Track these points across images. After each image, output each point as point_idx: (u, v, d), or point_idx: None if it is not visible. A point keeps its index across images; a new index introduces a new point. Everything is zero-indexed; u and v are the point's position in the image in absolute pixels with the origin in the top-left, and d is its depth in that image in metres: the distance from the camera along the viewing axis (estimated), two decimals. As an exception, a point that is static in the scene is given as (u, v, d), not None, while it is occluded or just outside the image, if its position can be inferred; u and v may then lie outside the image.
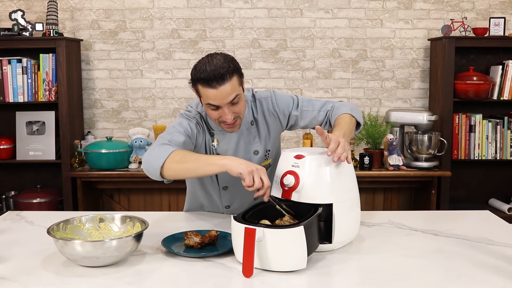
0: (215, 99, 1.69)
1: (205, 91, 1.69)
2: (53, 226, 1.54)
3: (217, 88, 1.67)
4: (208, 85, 1.67)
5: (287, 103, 1.94)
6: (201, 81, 1.68)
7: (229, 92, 1.68)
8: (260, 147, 1.93)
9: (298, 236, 1.40)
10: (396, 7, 3.71)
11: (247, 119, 1.90)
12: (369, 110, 3.76)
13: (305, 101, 1.96)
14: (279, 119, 1.95)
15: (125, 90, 3.77)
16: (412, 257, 1.57)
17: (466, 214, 2.11)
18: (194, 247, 1.58)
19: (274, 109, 1.93)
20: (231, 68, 1.68)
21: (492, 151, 3.58)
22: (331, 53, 3.74)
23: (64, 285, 1.37)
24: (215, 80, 1.66)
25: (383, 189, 3.72)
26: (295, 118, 1.95)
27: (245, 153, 1.91)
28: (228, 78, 1.67)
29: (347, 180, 1.63)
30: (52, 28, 3.42)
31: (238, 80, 1.73)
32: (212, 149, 1.88)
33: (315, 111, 1.95)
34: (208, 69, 1.66)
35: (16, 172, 3.73)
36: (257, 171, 1.54)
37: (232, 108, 1.73)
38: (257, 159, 1.93)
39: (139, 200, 3.69)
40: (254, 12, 3.70)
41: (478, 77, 3.46)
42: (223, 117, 1.73)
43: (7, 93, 3.45)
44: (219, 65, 1.67)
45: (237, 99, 1.72)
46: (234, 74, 1.70)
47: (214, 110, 1.73)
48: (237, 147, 1.90)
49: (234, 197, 1.99)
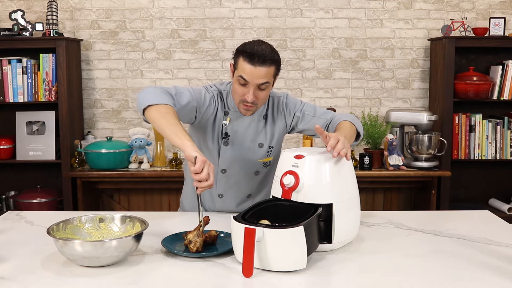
0: (249, 75, 1.81)
1: (244, 64, 1.81)
2: (53, 226, 1.54)
3: (256, 67, 1.80)
4: (250, 60, 1.80)
5: (294, 103, 2.05)
6: (246, 54, 1.81)
7: (262, 75, 1.81)
8: (266, 141, 2.02)
9: (298, 236, 1.40)
10: (396, 7, 3.71)
11: (261, 112, 2.00)
12: (369, 110, 3.76)
13: (310, 106, 2.05)
14: (285, 118, 2.04)
15: (125, 90, 3.77)
16: (412, 257, 1.57)
17: (466, 214, 2.11)
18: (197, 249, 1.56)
19: (283, 107, 2.03)
20: (274, 58, 1.84)
21: (492, 151, 3.58)
22: (331, 53, 3.74)
23: (64, 285, 1.37)
24: (257, 59, 1.79)
25: (383, 189, 3.72)
26: (296, 119, 2.03)
27: (251, 141, 2.00)
28: (268, 64, 1.81)
29: (347, 180, 1.63)
30: (52, 28, 3.42)
31: (275, 72, 1.87)
32: (222, 126, 1.97)
33: (316, 117, 2.02)
34: (256, 48, 1.81)
35: (16, 172, 3.73)
36: (209, 165, 1.58)
37: (257, 92, 1.85)
38: (261, 152, 2.02)
39: (139, 200, 3.69)
40: (254, 12, 3.70)
41: (478, 77, 3.46)
42: (245, 95, 1.84)
43: (7, 93, 3.45)
44: (266, 50, 1.82)
45: (265, 86, 1.85)
46: (274, 65, 1.85)
47: (241, 86, 1.85)
48: (246, 132, 1.99)
49: (229, 185, 2.04)
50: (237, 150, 1.99)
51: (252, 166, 2.03)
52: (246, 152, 2.00)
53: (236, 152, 1.99)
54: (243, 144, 1.99)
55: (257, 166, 2.04)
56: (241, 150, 1.99)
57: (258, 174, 2.06)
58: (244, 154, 2.00)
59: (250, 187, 2.07)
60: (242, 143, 1.99)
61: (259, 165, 2.04)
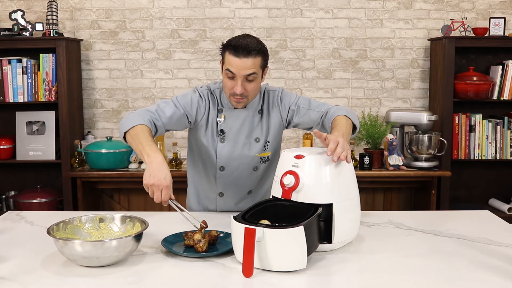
0: (235, 67, 1.84)
1: (230, 57, 1.85)
2: (53, 226, 1.54)
3: (241, 58, 1.83)
4: (235, 53, 1.83)
5: (289, 97, 2.06)
6: (230, 48, 1.85)
7: (248, 66, 1.84)
8: (262, 135, 2.04)
9: (298, 236, 1.40)
10: (396, 7, 3.71)
11: (256, 107, 2.02)
12: (369, 110, 3.76)
13: (304, 99, 2.05)
14: (280, 112, 2.05)
15: (125, 90, 3.77)
16: (412, 257, 1.57)
17: (466, 214, 2.11)
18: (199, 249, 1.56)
19: (278, 101, 2.05)
20: (259, 49, 1.86)
21: (492, 151, 3.58)
22: (331, 53, 3.74)
23: (64, 285, 1.37)
24: (242, 51, 1.83)
25: (383, 189, 3.72)
26: (292, 113, 2.04)
27: (247, 136, 2.02)
28: (253, 55, 1.84)
29: (347, 180, 1.63)
30: (52, 28, 3.42)
31: (262, 62, 1.88)
32: (217, 124, 2.00)
33: (310, 109, 2.02)
34: (240, 41, 1.85)
35: (16, 172, 3.73)
36: (158, 186, 1.69)
37: (245, 84, 1.87)
38: (258, 146, 2.04)
39: (139, 200, 3.69)
40: (254, 12, 3.70)
41: (478, 77, 3.46)
42: (234, 88, 1.87)
43: (7, 93, 3.45)
44: (251, 42, 1.86)
45: (252, 77, 1.87)
46: (260, 55, 1.87)
47: (229, 79, 1.88)
48: (241, 128, 2.01)
49: (228, 183, 2.06)
50: (233, 146, 2.01)
51: (250, 161, 2.04)
52: (243, 148, 2.02)
53: (232, 148, 2.01)
54: (239, 140, 2.01)
55: (255, 162, 2.05)
56: (238, 145, 2.01)
57: (257, 170, 2.07)
58: (240, 150, 2.02)
59: (250, 184, 2.09)
60: (238, 138, 2.01)
61: (257, 160, 2.05)
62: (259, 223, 1.51)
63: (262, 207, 1.63)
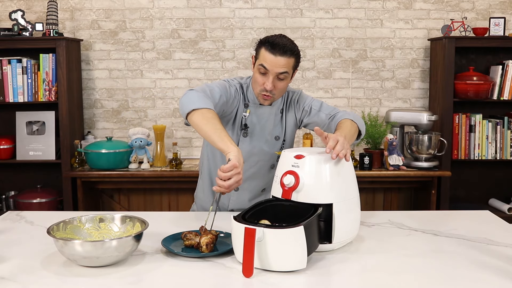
0: (269, 64, 1.89)
1: (265, 54, 1.90)
2: (53, 226, 1.54)
3: (276, 56, 1.89)
4: (271, 50, 1.89)
5: (305, 99, 2.13)
6: (267, 44, 1.90)
7: (282, 65, 1.89)
8: (281, 134, 2.11)
9: (298, 236, 1.40)
10: (396, 7, 3.71)
11: (279, 105, 2.09)
12: (369, 110, 3.76)
13: (317, 102, 2.13)
14: (295, 112, 2.11)
15: (125, 90, 3.77)
16: (412, 257, 1.57)
17: (466, 214, 2.11)
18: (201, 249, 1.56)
19: (294, 102, 2.12)
20: (294, 51, 1.93)
21: (492, 151, 3.58)
22: (331, 53, 3.74)
23: (64, 285, 1.37)
24: (278, 49, 1.88)
25: (383, 189, 3.72)
26: (304, 113, 2.11)
27: (269, 133, 2.07)
28: (288, 55, 1.90)
29: (347, 180, 1.63)
30: (52, 28, 3.42)
31: (294, 64, 1.94)
32: (242, 118, 2.04)
33: (320, 111, 2.09)
34: (278, 40, 1.91)
35: (16, 172, 3.73)
36: (240, 173, 1.61)
37: (275, 82, 1.93)
38: (277, 144, 2.10)
39: (139, 200, 3.69)
40: (254, 12, 3.70)
41: (478, 77, 3.46)
42: (265, 84, 1.92)
43: (7, 93, 3.45)
44: (287, 43, 1.92)
45: (284, 76, 1.92)
46: (294, 56, 1.93)
47: (261, 75, 1.93)
48: (265, 124, 2.06)
49: (245, 178, 2.03)
50: (255, 141, 2.05)
51: (269, 158, 2.09)
52: (264, 144, 2.07)
53: (254, 143, 2.05)
54: (261, 136, 2.06)
55: (273, 159, 2.10)
56: (259, 141, 2.06)
57: (274, 168, 2.10)
58: (261, 146, 2.06)
59: (265, 181, 2.13)
60: (260, 134, 2.06)
61: (275, 158, 2.09)
62: (259, 223, 1.51)
63: (262, 207, 1.63)
